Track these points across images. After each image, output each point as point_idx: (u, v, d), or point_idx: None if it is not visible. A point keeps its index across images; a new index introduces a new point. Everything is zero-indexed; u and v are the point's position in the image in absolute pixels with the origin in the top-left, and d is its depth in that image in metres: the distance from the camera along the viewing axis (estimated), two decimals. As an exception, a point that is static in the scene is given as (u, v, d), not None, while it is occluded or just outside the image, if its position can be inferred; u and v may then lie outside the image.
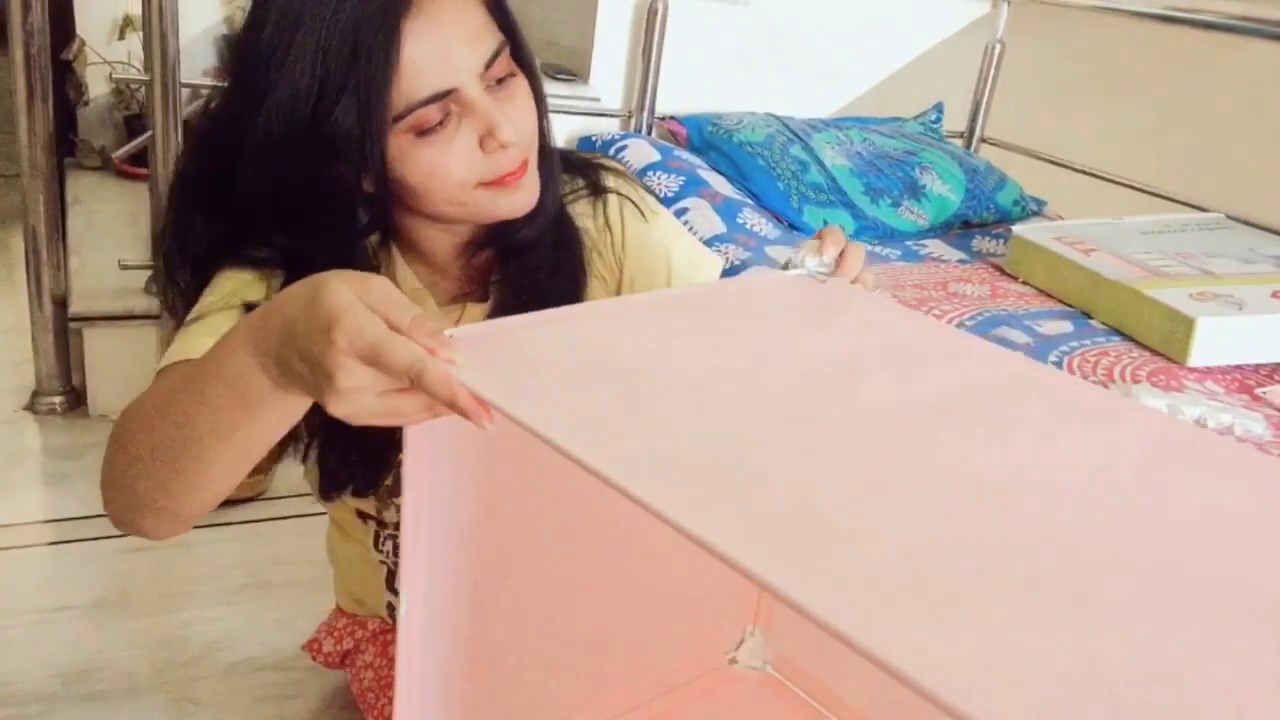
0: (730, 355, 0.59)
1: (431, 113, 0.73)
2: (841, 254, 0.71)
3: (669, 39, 1.92)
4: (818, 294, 0.67)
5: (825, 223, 1.77)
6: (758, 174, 1.78)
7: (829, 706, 0.79)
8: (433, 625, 0.62)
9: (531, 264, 0.88)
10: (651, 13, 1.88)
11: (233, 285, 0.80)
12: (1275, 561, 0.44)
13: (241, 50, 0.76)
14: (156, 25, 1.52)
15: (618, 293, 0.96)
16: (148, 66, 1.58)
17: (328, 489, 0.91)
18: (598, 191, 0.94)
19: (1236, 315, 1.35)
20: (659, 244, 0.96)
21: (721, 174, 1.80)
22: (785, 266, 0.70)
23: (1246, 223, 1.79)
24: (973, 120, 2.28)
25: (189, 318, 0.79)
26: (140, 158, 2.36)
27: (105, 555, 1.43)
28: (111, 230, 2.07)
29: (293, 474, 1.62)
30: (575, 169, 0.94)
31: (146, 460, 0.63)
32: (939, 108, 2.23)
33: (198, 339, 0.74)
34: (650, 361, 0.57)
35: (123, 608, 1.33)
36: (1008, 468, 0.51)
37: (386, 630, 1.12)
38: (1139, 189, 2.08)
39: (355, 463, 0.89)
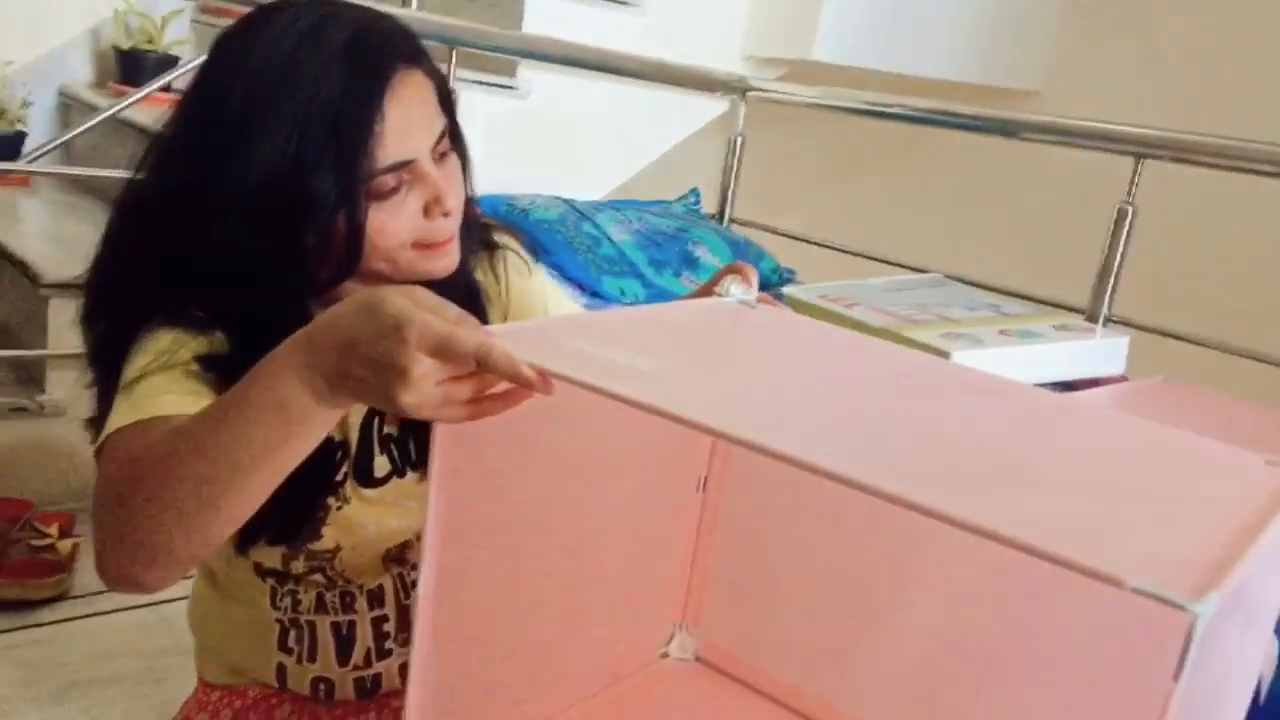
0: (707, 345, 0.72)
1: (388, 180, 0.80)
2: None
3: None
4: (754, 312, 0.81)
5: (622, 290, 1.93)
6: (558, 248, 1.92)
7: (756, 685, 0.91)
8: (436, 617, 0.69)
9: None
10: (443, 101, 1.98)
11: (167, 344, 0.81)
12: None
13: (199, 113, 0.80)
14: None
15: None
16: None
17: (247, 539, 0.92)
18: (489, 247, 1.03)
19: (979, 349, 1.63)
20: (538, 296, 1.06)
21: (522, 249, 1.92)
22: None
23: (959, 279, 2.14)
24: (722, 202, 2.55)
25: (129, 378, 0.79)
26: None
27: (-101, 672, 1.29)
28: None
29: (93, 570, 1.53)
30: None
31: (168, 504, 0.65)
32: (695, 192, 2.47)
33: (156, 397, 0.76)
34: (657, 347, 0.69)
35: (-64, 723, 1.21)
36: (936, 416, 0.66)
37: (269, 696, 1.10)
38: (868, 257, 2.43)
39: (279, 507, 0.90)
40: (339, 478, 0.94)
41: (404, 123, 0.80)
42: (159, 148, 0.85)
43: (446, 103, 0.87)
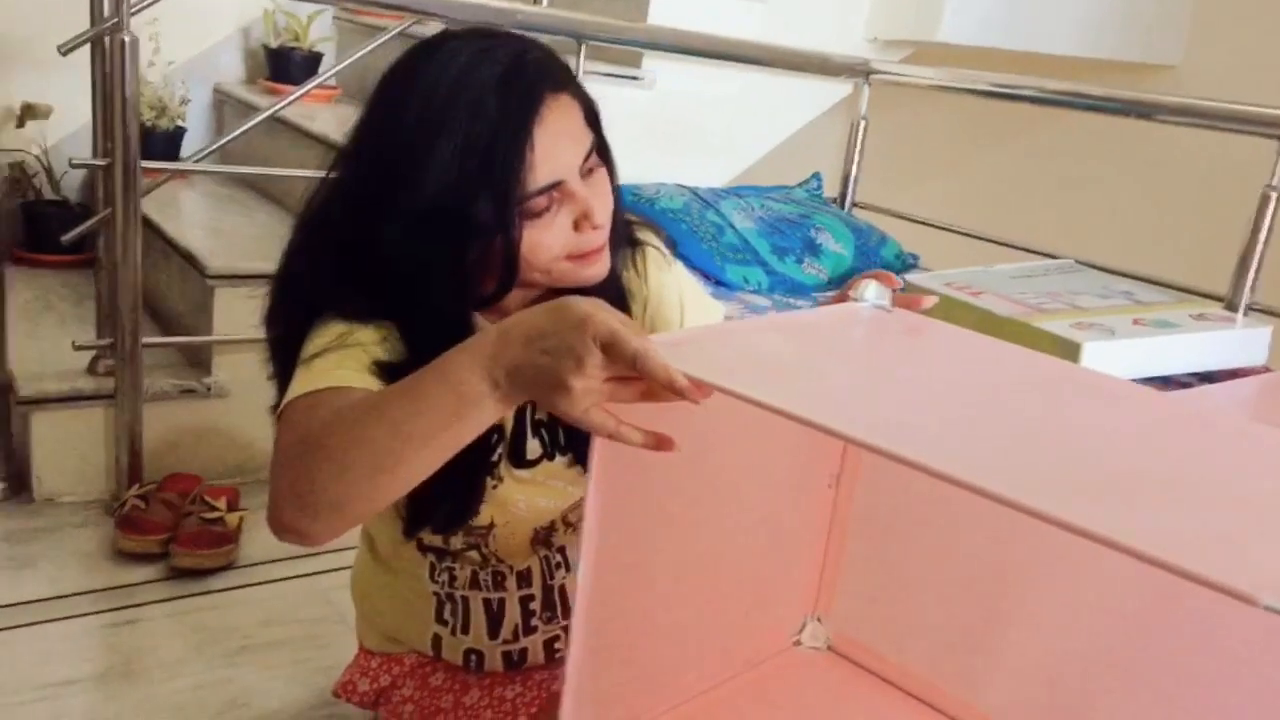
0: (843, 351, 0.76)
1: (541, 201, 0.86)
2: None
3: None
4: (891, 318, 0.85)
5: (745, 278, 1.97)
6: (683, 237, 1.96)
7: (886, 675, 0.94)
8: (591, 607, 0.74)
9: None
10: (573, 95, 2.04)
11: (342, 328, 0.89)
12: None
13: (374, 137, 0.88)
14: (119, 110, 1.57)
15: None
16: (105, 151, 1.62)
17: (415, 525, 1.00)
18: (632, 244, 1.08)
19: (1111, 340, 1.61)
20: (674, 288, 1.11)
21: (649, 239, 1.97)
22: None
23: (1093, 265, 2.10)
24: (844, 187, 2.55)
25: (307, 355, 0.87)
26: (42, 243, 2.34)
27: (93, 630, 1.43)
28: (30, 317, 2.05)
29: (257, 542, 1.66)
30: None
31: (347, 464, 0.72)
32: (818, 176, 2.48)
33: (332, 370, 0.84)
34: (798, 355, 0.73)
35: (128, 678, 1.34)
36: (1070, 423, 0.68)
37: (425, 663, 1.18)
38: (996, 241, 2.40)
39: (447, 496, 0.98)
40: (495, 459, 1.01)
41: (553, 147, 0.86)
42: (337, 170, 0.93)
43: (593, 120, 0.92)
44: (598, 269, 0.93)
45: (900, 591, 0.94)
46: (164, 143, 2.47)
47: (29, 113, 2.36)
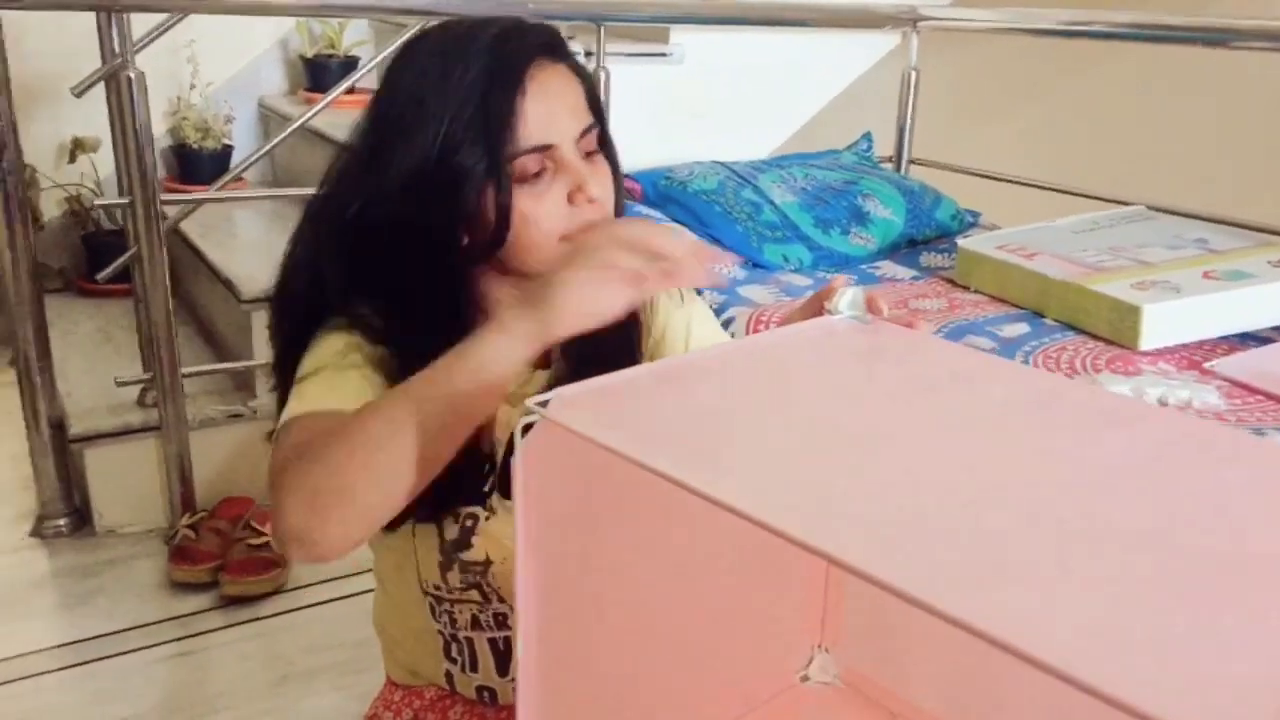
0: (803, 393, 0.69)
1: (531, 162, 0.84)
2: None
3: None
4: (866, 336, 0.77)
5: (785, 257, 1.88)
6: (716, 220, 1.88)
7: (898, 711, 0.88)
8: (544, 657, 0.70)
9: (595, 339, 0.95)
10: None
11: (341, 346, 0.87)
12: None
13: (369, 123, 0.87)
14: (133, 149, 1.58)
15: None
16: (127, 189, 1.64)
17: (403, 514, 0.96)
18: None
19: (1176, 299, 1.48)
20: (680, 327, 1.06)
21: (682, 224, 1.90)
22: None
23: (1166, 210, 1.94)
24: (899, 144, 2.42)
25: (304, 374, 0.85)
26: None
27: (143, 667, 1.46)
28: (89, 349, 2.10)
29: (306, 565, 1.67)
30: None
31: (353, 446, 0.71)
32: (868, 137, 2.36)
33: (330, 391, 0.82)
34: (741, 404, 0.66)
35: (172, 714, 1.36)
36: (1053, 464, 0.60)
37: (444, 697, 1.16)
38: (1060, 190, 2.24)
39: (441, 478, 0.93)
40: (486, 489, 0.98)
41: (545, 108, 0.84)
42: (338, 164, 0.92)
43: (596, 107, 0.90)
44: None
45: (911, 614, 0.87)
46: (211, 163, 2.50)
47: (79, 147, 2.42)
